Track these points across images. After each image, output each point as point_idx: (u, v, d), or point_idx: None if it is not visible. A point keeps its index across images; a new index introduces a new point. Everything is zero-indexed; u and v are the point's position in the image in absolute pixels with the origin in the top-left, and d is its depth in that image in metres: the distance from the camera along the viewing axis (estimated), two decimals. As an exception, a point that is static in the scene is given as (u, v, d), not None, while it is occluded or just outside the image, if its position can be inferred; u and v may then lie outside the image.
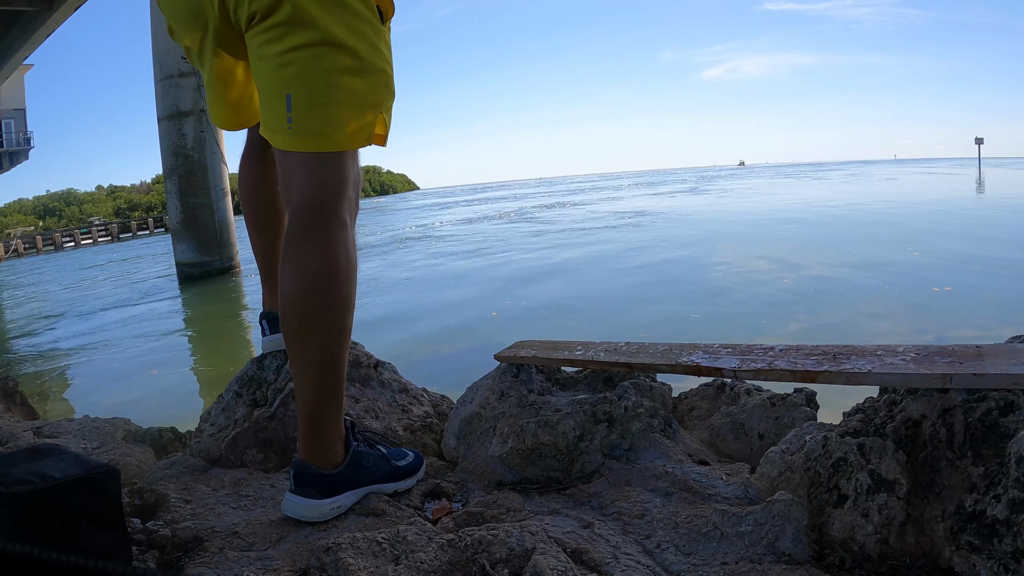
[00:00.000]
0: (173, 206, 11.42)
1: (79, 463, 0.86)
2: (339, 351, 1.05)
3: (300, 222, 1.02)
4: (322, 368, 1.04)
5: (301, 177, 1.02)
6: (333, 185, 1.02)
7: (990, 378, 0.89)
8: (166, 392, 4.62)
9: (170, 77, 10.74)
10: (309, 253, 1.01)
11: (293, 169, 1.03)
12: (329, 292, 1.01)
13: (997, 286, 5.38)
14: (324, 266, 1.01)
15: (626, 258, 8.62)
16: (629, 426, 1.24)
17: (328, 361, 1.04)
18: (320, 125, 0.99)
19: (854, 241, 8.60)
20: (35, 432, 1.75)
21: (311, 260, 1.01)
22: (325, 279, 1.01)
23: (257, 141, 1.32)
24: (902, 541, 0.91)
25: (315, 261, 1.01)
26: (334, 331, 1.03)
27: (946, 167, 48.70)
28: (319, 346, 1.03)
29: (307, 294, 1.01)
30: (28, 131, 30.47)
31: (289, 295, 1.02)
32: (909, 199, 16.58)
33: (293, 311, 1.03)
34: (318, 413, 1.06)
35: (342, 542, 0.92)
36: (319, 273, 1.01)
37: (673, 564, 0.92)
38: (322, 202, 1.02)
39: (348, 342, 1.08)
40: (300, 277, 1.01)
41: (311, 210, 1.02)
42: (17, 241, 34.06)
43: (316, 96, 0.98)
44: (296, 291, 1.02)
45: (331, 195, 1.02)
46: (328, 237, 1.01)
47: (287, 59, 0.98)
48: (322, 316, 1.02)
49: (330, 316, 1.02)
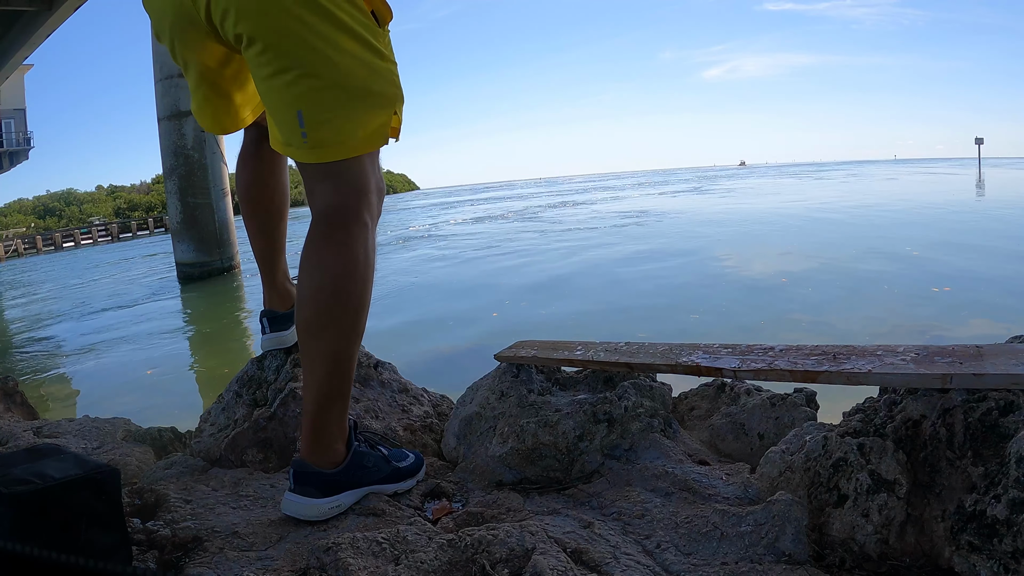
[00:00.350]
0: (173, 206, 11.43)
1: (79, 463, 0.86)
2: (350, 349, 1.07)
3: (322, 225, 1.04)
4: (332, 365, 1.05)
5: (323, 184, 1.04)
6: (354, 190, 1.04)
7: (990, 378, 0.89)
8: (166, 392, 4.63)
9: (170, 77, 10.74)
10: (328, 252, 1.03)
11: (314, 176, 1.04)
12: (345, 290, 1.03)
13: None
14: (343, 264, 1.02)
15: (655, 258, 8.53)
16: (629, 426, 1.24)
17: (338, 358, 1.06)
18: (334, 135, 1.00)
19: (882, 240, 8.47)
20: (35, 432, 1.75)
21: (329, 258, 1.03)
22: (342, 277, 1.02)
23: (253, 141, 1.32)
24: (902, 541, 0.91)
25: (333, 259, 1.02)
26: (346, 329, 1.05)
27: (947, 167, 48.61)
28: (331, 343, 1.04)
29: (324, 291, 1.03)
30: (28, 131, 30.52)
31: (306, 291, 1.04)
32: (923, 199, 16.44)
33: (308, 307, 1.04)
34: (323, 410, 1.07)
35: (342, 542, 0.92)
36: (337, 271, 1.02)
37: (673, 564, 0.92)
38: (344, 206, 1.03)
39: (359, 341, 1.09)
40: (318, 274, 1.03)
41: (333, 214, 1.03)
42: (17, 241, 34.05)
43: (327, 110, 0.99)
44: (313, 287, 1.03)
45: (353, 199, 1.04)
46: (350, 237, 1.03)
47: (289, 80, 0.98)
48: (336, 313, 1.03)
49: (344, 313, 1.04)
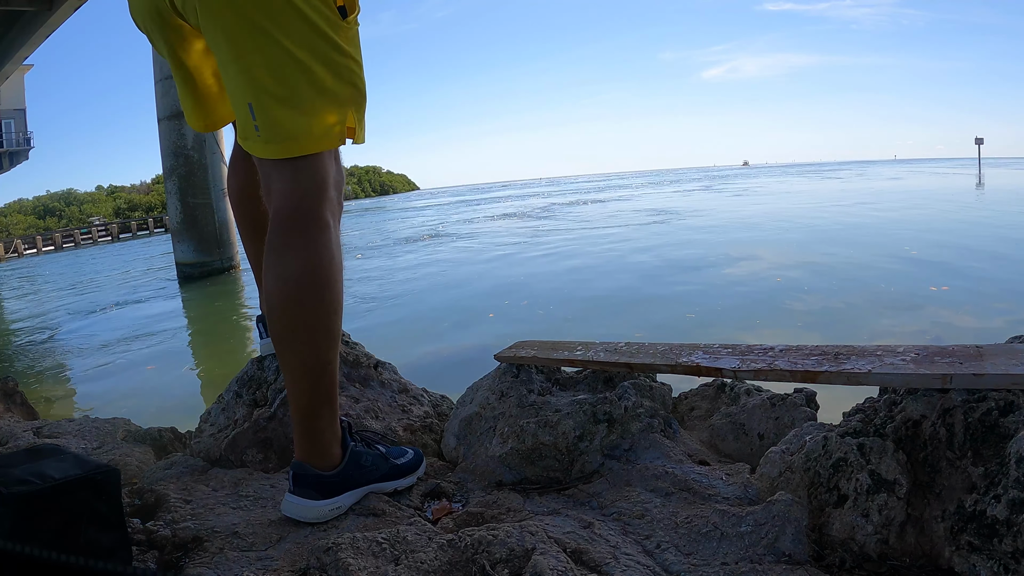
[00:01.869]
0: (173, 206, 11.43)
1: (79, 463, 0.86)
2: (328, 354, 1.03)
3: (280, 227, 1.00)
4: (312, 373, 1.02)
5: (278, 182, 1.00)
6: (311, 188, 1.00)
7: (990, 378, 0.89)
8: (166, 392, 4.63)
9: (170, 77, 10.67)
10: (290, 258, 0.98)
11: (270, 174, 1.01)
12: (313, 297, 0.99)
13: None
14: (306, 271, 0.98)
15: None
16: (629, 426, 1.24)
17: (318, 365, 1.02)
18: (287, 130, 0.96)
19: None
20: (35, 432, 1.75)
21: (292, 265, 0.98)
22: (308, 285, 0.98)
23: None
24: (902, 541, 0.91)
25: (296, 266, 0.98)
26: (321, 335, 1.01)
27: (948, 167, 48.56)
28: (307, 351, 1.01)
29: (290, 300, 0.99)
30: (28, 131, 30.48)
31: (273, 302, 1.00)
32: (959, 200, 16.29)
33: (278, 318, 1.00)
34: (312, 417, 1.05)
35: (342, 542, 0.92)
36: (301, 278, 0.98)
37: (673, 564, 0.92)
38: (300, 206, 0.99)
39: (337, 345, 1.06)
40: (282, 284, 0.99)
41: (290, 215, 0.99)
42: (17, 241, 34.06)
43: (276, 103, 0.95)
44: (280, 298, 0.99)
45: (310, 198, 1.00)
46: (309, 241, 0.99)
47: (240, 68, 0.95)
48: (308, 321, 1.00)
49: (315, 321, 1.00)
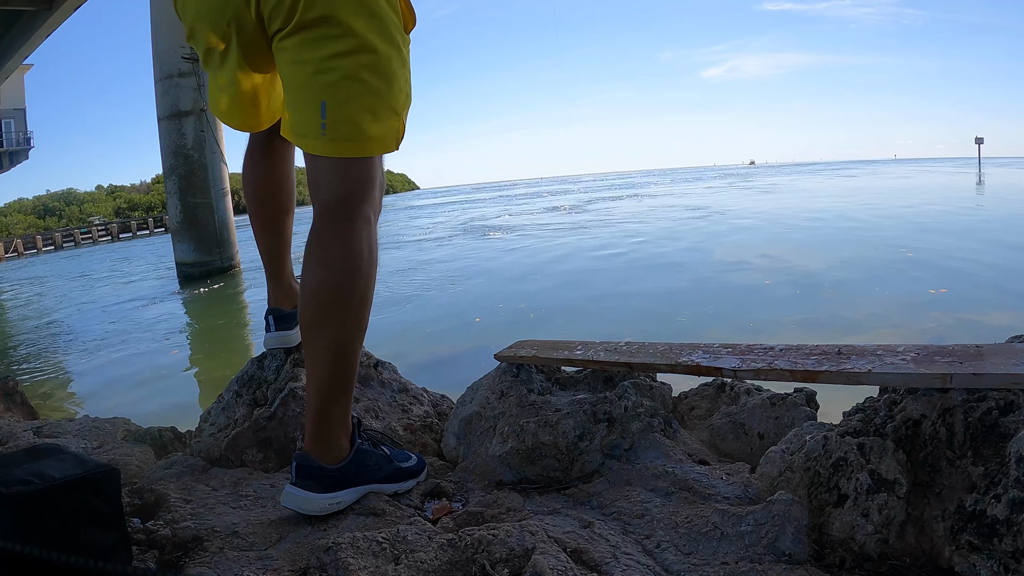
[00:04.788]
0: (173, 206, 11.43)
1: (79, 463, 0.86)
2: (354, 344, 1.08)
3: (327, 217, 1.05)
4: (336, 360, 1.06)
5: (330, 176, 1.05)
6: (360, 185, 1.05)
7: (990, 378, 0.89)
8: (166, 392, 4.63)
9: (170, 77, 10.74)
10: (332, 247, 1.04)
11: (323, 169, 1.05)
12: (349, 285, 1.04)
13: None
14: (346, 260, 1.03)
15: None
16: (629, 426, 1.24)
17: (343, 354, 1.06)
18: (353, 132, 1.01)
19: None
20: (35, 432, 1.75)
21: (334, 254, 1.03)
22: (346, 272, 1.03)
23: (262, 139, 1.32)
24: (902, 541, 0.91)
25: (338, 255, 1.03)
26: (350, 324, 1.06)
27: (949, 167, 48.49)
28: (335, 338, 1.05)
29: (328, 286, 1.04)
30: (28, 131, 30.51)
31: (310, 287, 1.05)
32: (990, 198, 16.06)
33: (313, 302, 1.05)
34: (327, 405, 1.08)
35: (342, 542, 0.92)
36: (341, 266, 1.03)
37: (673, 564, 0.92)
38: (348, 201, 1.05)
39: (363, 336, 1.10)
40: (322, 270, 1.04)
41: (337, 208, 1.04)
42: (17, 241, 34.06)
43: (351, 104, 1.00)
44: (317, 283, 1.04)
45: (358, 194, 1.05)
46: (352, 233, 1.04)
47: (325, 67, 0.99)
48: (340, 308, 1.04)
49: (347, 309, 1.05)
